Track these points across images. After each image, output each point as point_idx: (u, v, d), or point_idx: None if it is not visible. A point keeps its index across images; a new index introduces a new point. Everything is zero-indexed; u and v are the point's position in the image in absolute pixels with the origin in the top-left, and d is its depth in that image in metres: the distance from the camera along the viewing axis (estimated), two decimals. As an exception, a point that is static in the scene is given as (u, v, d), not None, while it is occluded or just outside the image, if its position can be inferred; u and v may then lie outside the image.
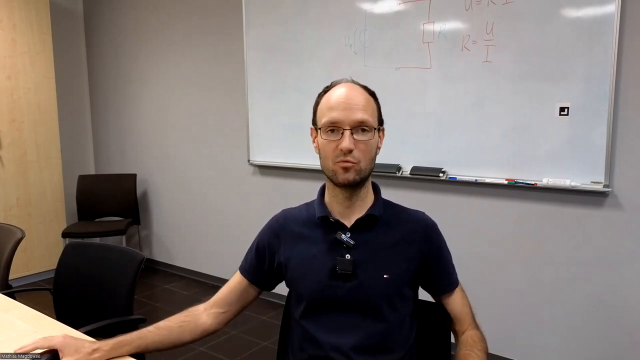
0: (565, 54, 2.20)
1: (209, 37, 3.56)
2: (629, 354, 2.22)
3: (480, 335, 1.15)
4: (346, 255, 1.11)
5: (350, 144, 1.05)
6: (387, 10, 2.68)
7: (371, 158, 1.11)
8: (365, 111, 1.08)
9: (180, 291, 3.72)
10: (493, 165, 2.45)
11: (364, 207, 1.15)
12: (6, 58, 3.64)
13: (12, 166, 3.73)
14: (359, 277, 1.11)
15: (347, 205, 1.14)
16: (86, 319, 1.62)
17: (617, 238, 2.21)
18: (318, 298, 1.13)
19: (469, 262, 2.58)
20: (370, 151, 1.10)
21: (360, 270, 1.11)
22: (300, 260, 1.16)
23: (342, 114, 1.06)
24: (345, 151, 1.05)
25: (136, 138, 4.23)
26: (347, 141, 1.05)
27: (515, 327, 2.49)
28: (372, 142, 1.10)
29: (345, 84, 1.12)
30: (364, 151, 1.08)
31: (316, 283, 1.13)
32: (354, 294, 1.10)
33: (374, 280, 1.10)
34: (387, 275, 1.10)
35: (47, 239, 3.96)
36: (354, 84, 1.13)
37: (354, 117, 1.06)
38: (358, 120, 1.06)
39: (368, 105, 1.10)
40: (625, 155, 2.15)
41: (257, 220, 1.29)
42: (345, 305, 1.11)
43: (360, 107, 1.08)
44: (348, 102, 1.07)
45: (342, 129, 1.06)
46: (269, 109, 3.25)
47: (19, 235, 2.10)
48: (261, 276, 1.22)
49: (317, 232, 1.16)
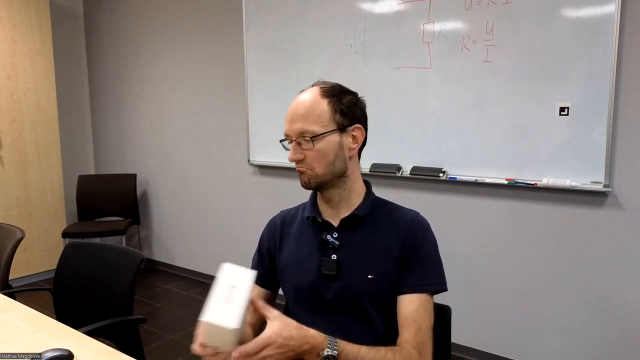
0: (565, 54, 2.20)
1: (209, 37, 3.56)
2: (629, 354, 2.22)
3: (413, 355, 1.00)
4: (332, 255, 1.12)
5: (294, 154, 1.09)
6: (387, 10, 2.68)
7: (328, 162, 1.09)
8: (305, 120, 1.07)
9: (180, 291, 3.72)
10: (493, 165, 2.45)
11: (351, 206, 1.15)
12: (6, 58, 3.64)
13: (12, 166, 3.73)
14: (344, 278, 1.11)
15: (332, 206, 1.16)
16: (86, 319, 1.62)
17: (617, 238, 2.21)
18: (307, 298, 1.14)
19: (469, 262, 2.58)
20: (324, 157, 1.08)
21: (346, 271, 1.11)
22: (293, 261, 1.18)
23: (287, 126, 1.10)
24: (293, 161, 1.10)
25: (136, 138, 4.23)
26: (291, 152, 1.10)
27: (515, 327, 2.49)
28: (323, 147, 1.08)
29: (304, 91, 1.12)
30: (314, 158, 1.08)
31: (305, 283, 1.13)
32: (340, 294, 1.10)
33: (359, 281, 1.10)
34: (372, 276, 1.09)
35: (47, 239, 3.96)
36: (316, 87, 1.12)
37: (295, 128, 1.08)
38: (298, 131, 1.08)
39: (311, 113, 1.07)
40: (625, 155, 2.15)
41: (257, 220, 1.30)
42: (332, 305, 1.11)
43: (301, 116, 1.07)
44: (292, 113, 1.09)
45: (290, 139, 1.10)
46: (269, 109, 3.25)
47: (19, 235, 2.09)
48: (269, 277, 1.23)
49: (309, 233, 1.17)
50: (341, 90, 1.12)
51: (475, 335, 2.59)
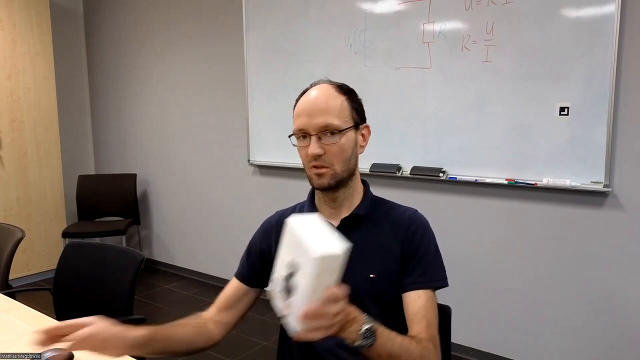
0: (565, 54, 2.20)
1: (209, 37, 3.56)
2: (629, 354, 2.22)
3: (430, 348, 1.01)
4: None
5: (316, 148, 1.05)
6: (387, 10, 2.68)
7: (346, 159, 1.09)
8: (329, 114, 1.06)
9: (180, 291, 3.72)
10: (493, 165, 2.45)
11: (351, 206, 1.15)
12: (6, 58, 3.64)
13: (12, 166, 3.73)
14: (345, 277, 1.11)
15: (333, 207, 1.15)
16: (86, 319, 1.62)
17: (617, 238, 2.21)
18: None
19: (469, 261, 2.58)
20: (343, 152, 1.08)
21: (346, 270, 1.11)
22: None
23: (306, 120, 1.07)
24: (313, 156, 1.06)
25: (136, 138, 4.23)
26: (313, 146, 1.06)
27: (515, 327, 2.49)
28: (344, 143, 1.08)
29: (315, 87, 1.12)
30: (335, 154, 1.07)
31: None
32: None
33: (359, 280, 1.09)
34: (374, 275, 1.09)
35: (47, 239, 3.96)
36: (327, 84, 1.12)
37: (316, 122, 1.06)
38: (321, 125, 1.06)
39: (333, 107, 1.07)
40: (625, 155, 2.15)
41: (257, 220, 1.30)
42: None
43: (323, 110, 1.06)
44: (311, 107, 1.07)
45: (309, 134, 1.07)
46: (269, 109, 3.25)
47: (19, 235, 2.10)
48: (255, 277, 1.22)
49: None
50: (350, 88, 1.14)
51: (475, 335, 2.59)
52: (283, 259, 0.83)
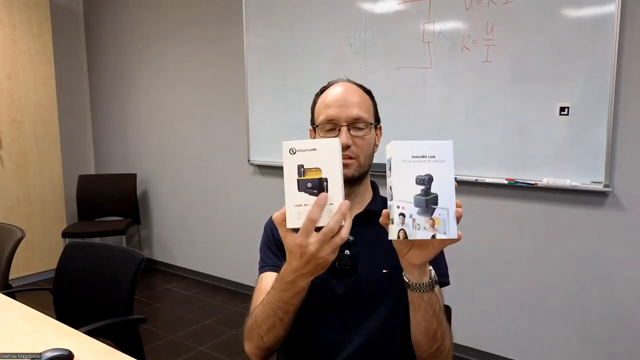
0: (565, 54, 2.20)
1: (209, 37, 3.56)
2: (629, 354, 2.22)
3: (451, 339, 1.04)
4: (345, 251, 1.12)
5: (347, 139, 1.08)
6: (387, 10, 2.68)
7: (369, 154, 1.14)
8: (361, 108, 1.11)
9: (180, 291, 3.72)
10: (493, 165, 2.45)
11: (363, 203, 1.17)
12: (6, 58, 3.64)
13: (12, 166, 3.73)
14: (359, 272, 1.11)
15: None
16: (86, 319, 1.62)
17: (617, 238, 2.21)
18: (316, 294, 1.13)
19: (469, 262, 2.58)
20: (368, 147, 1.13)
21: (360, 266, 1.11)
22: None
23: (338, 111, 1.09)
24: (343, 146, 1.08)
25: (136, 138, 4.23)
26: (344, 136, 1.08)
27: (516, 327, 2.49)
28: (369, 138, 1.13)
29: (341, 83, 1.16)
30: (362, 146, 1.11)
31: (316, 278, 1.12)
32: (354, 289, 1.10)
33: (373, 275, 1.10)
34: (387, 270, 1.10)
35: (47, 239, 3.96)
36: (350, 82, 1.17)
37: (349, 113, 1.09)
38: (353, 117, 1.09)
39: (363, 102, 1.13)
40: (625, 155, 2.15)
41: (257, 220, 1.29)
42: (345, 301, 1.11)
43: (356, 103, 1.10)
44: (343, 99, 1.10)
45: (339, 125, 1.09)
46: (269, 109, 3.25)
47: (19, 235, 2.10)
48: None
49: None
50: (368, 89, 1.20)
51: (475, 335, 2.59)
52: (403, 182, 0.82)
